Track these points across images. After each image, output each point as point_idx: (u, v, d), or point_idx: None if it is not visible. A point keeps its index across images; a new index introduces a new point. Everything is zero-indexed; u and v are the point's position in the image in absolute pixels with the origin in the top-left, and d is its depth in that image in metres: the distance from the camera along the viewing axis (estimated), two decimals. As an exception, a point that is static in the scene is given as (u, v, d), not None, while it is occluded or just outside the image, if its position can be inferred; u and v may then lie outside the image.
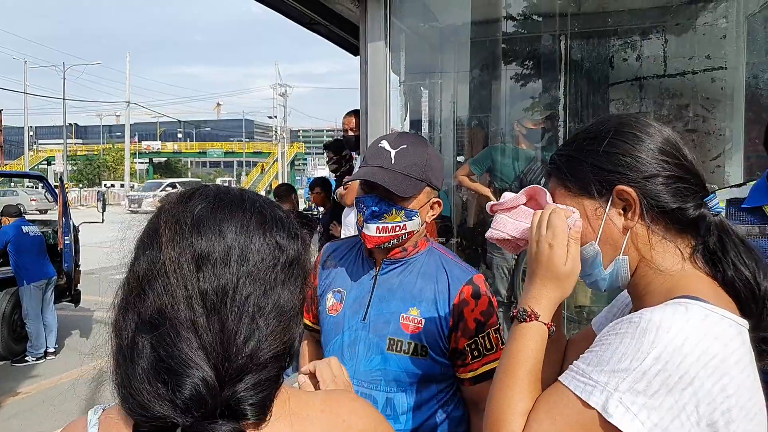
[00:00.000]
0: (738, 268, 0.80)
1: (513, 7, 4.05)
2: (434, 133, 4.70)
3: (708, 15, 3.24)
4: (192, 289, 0.64)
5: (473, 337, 1.34)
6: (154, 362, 0.63)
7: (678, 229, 0.83)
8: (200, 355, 0.63)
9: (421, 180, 1.35)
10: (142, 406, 0.62)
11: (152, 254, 0.67)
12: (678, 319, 0.72)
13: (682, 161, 0.83)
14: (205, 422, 0.62)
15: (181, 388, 0.61)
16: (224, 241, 0.67)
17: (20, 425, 4.57)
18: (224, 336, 0.64)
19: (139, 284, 0.66)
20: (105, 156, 48.86)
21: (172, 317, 0.63)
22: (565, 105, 3.44)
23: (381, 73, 3.31)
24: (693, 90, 3.21)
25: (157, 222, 0.69)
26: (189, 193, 0.72)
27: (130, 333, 0.65)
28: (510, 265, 3.79)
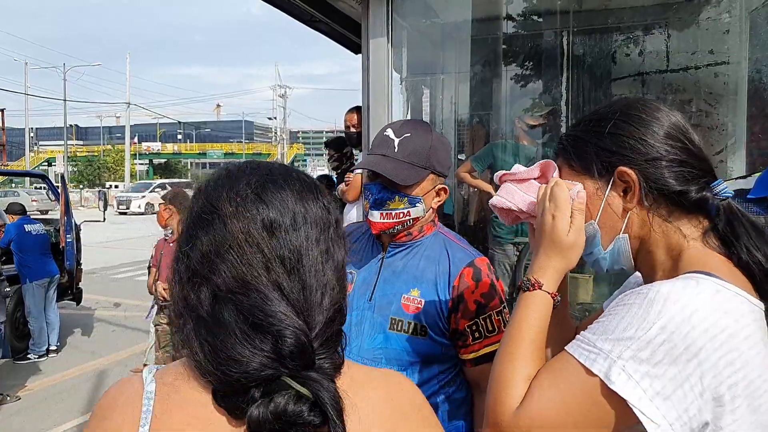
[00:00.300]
0: (751, 251, 0.79)
1: (514, 4, 4.06)
2: (435, 131, 4.71)
3: (711, 10, 3.23)
4: (270, 253, 0.69)
5: (474, 318, 1.35)
6: (248, 325, 0.66)
7: (683, 212, 0.83)
8: (291, 312, 0.67)
9: (424, 167, 1.38)
10: (242, 367, 0.64)
11: (216, 230, 0.70)
12: (688, 292, 0.72)
13: (688, 146, 0.83)
14: (307, 373, 0.65)
15: (285, 340, 0.65)
16: (289, 208, 0.72)
17: (22, 422, 4.57)
18: (305, 293, 0.69)
19: (208, 259, 0.69)
20: (105, 157, 48.90)
21: (256, 282, 0.67)
22: (567, 101, 3.45)
23: (383, 70, 3.32)
24: (696, 85, 3.20)
25: (208, 200, 0.73)
26: (236, 170, 0.76)
27: (209, 305, 0.68)
28: (512, 261, 3.79)
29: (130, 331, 7.05)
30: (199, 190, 0.76)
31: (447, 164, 1.45)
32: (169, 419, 0.67)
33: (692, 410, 0.70)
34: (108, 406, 0.70)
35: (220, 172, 0.77)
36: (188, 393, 0.68)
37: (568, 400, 0.74)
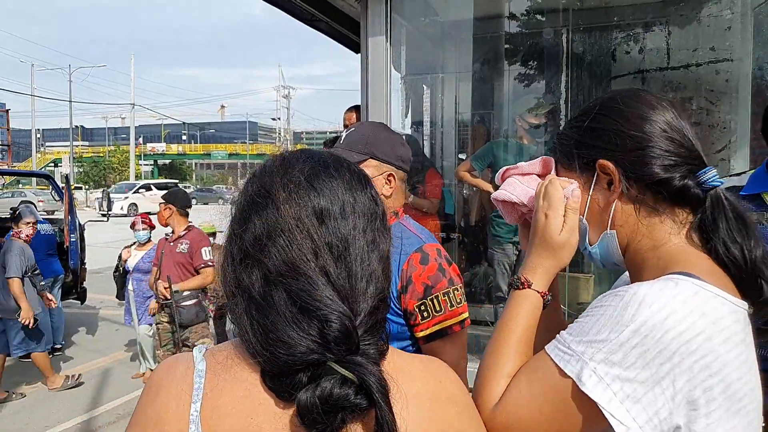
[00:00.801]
0: (728, 245, 0.77)
1: (515, 2, 4.04)
2: (435, 130, 4.70)
3: (712, 6, 3.21)
4: (319, 240, 0.71)
5: (422, 299, 1.43)
6: (296, 308, 0.68)
7: (669, 202, 0.81)
8: (336, 298, 0.69)
9: (362, 153, 1.50)
10: (290, 350, 0.66)
11: (269, 214, 0.72)
12: (666, 294, 0.71)
13: (671, 133, 0.81)
14: (353, 358, 0.66)
15: (331, 325, 0.66)
16: (339, 197, 0.74)
17: (27, 419, 4.60)
18: (351, 281, 0.71)
19: (260, 242, 0.71)
20: (111, 158, 49.11)
21: (304, 267, 0.69)
22: (567, 99, 3.43)
23: (381, 69, 3.31)
24: (697, 82, 3.18)
25: (262, 186, 0.75)
26: (289, 159, 0.78)
27: (260, 287, 0.70)
28: (511, 261, 3.78)
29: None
30: (254, 175, 0.78)
31: (391, 152, 1.53)
32: (219, 397, 0.68)
33: (663, 413, 0.69)
34: (159, 383, 0.71)
35: (276, 158, 0.79)
36: (238, 373, 0.70)
37: (542, 400, 0.74)
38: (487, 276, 4.13)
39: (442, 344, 1.42)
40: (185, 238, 4.19)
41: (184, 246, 4.16)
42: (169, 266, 4.13)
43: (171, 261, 4.15)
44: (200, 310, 4.18)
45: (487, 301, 4.23)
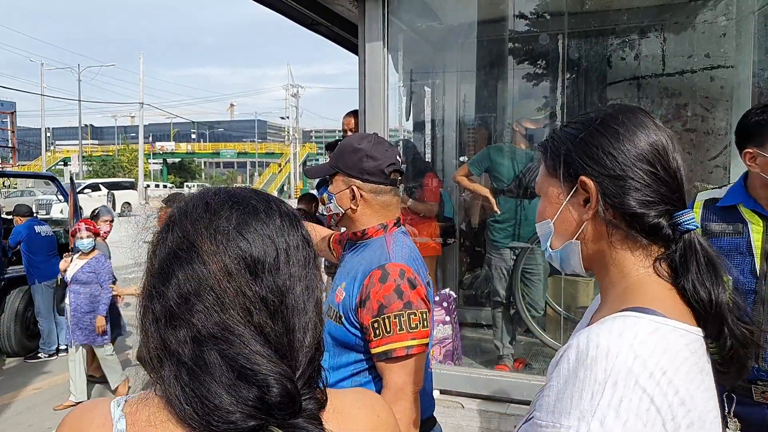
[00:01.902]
0: (696, 287, 0.77)
1: (512, 6, 4.04)
2: (436, 133, 4.70)
3: (708, 13, 3.20)
4: (253, 296, 0.66)
5: (376, 317, 1.44)
6: (233, 373, 0.63)
7: (640, 235, 0.80)
8: (275, 357, 0.64)
9: (332, 167, 1.60)
10: (226, 417, 0.62)
11: (196, 269, 0.66)
12: (625, 338, 0.71)
13: (658, 171, 0.80)
14: (294, 421, 0.63)
15: (271, 390, 0.63)
16: (273, 245, 0.69)
17: (32, 419, 4.65)
18: (288, 335, 0.67)
19: (187, 301, 0.65)
20: (120, 156, 49.46)
21: (238, 328, 0.64)
22: (564, 104, 3.43)
23: (379, 73, 3.33)
24: (692, 89, 3.17)
25: (185, 235, 0.69)
26: (214, 203, 0.71)
27: (190, 350, 0.65)
28: (509, 266, 3.78)
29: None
30: (172, 222, 0.71)
31: (355, 167, 1.56)
32: None
33: None
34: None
35: (197, 202, 0.72)
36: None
37: None
38: (487, 280, 4.14)
39: (387, 366, 1.42)
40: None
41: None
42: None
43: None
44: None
45: (486, 305, 4.24)
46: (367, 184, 1.56)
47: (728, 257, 1.79)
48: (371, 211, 1.58)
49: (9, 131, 12.39)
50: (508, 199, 3.76)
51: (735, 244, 1.77)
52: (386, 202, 1.60)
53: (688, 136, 3.18)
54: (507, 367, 3.69)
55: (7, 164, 11.48)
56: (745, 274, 1.76)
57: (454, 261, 4.43)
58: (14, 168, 19.92)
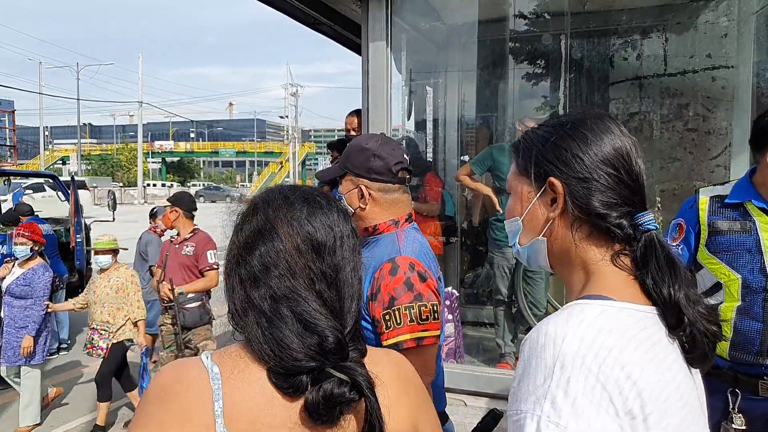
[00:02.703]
0: (657, 283, 0.81)
1: (514, 6, 4.06)
2: (438, 133, 4.72)
3: (709, 13, 3.21)
4: (316, 269, 0.86)
5: (386, 309, 1.46)
6: (300, 324, 0.83)
7: (602, 233, 0.85)
8: (330, 316, 0.85)
9: (342, 168, 1.63)
10: (294, 356, 0.81)
11: (275, 245, 0.86)
12: (572, 323, 0.75)
13: (622, 175, 0.85)
14: (344, 363, 0.83)
15: (328, 339, 0.82)
16: (332, 233, 0.89)
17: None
18: (341, 302, 0.87)
19: (267, 269, 0.85)
20: (119, 155, 49.43)
21: (304, 291, 0.85)
22: (566, 104, 3.45)
23: (382, 73, 3.34)
24: (693, 89, 3.18)
25: (268, 219, 0.89)
26: (290, 197, 0.92)
27: (269, 304, 0.84)
28: (510, 264, 3.80)
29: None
30: (257, 208, 0.91)
31: (362, 167, 1.60)
32: (238, 393, 0.81)
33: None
34: (173, 389, 0.81)
35: (277, 195, 0.93)
36: (248, 374, 0.83)
37: None
38: (489, 278, 4.16)
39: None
40: (191, 241, 4.23)
41: (190, 249, 4.20)
42: (174, 268, 4.17)
43: (176, 263, 4.19)
44: (204, 313, 4.22)
45: (488, 303, 4.26)
46: (375, 183, 1.58)
47: (736, 255, 1.77)
48: (380, 209, 1.60)
49: (9, 130, 12.40)
50: (510, 198, 3.77)
51: (743, 242, 1.75)
52: (395, 200, 1.61)
53: (690, 135, 3.20)
54: (509, 365, 3.71)
55: (6, 163, 11.46)
56: (755, 272, 1.74)
57: (456, 259, 4.45)
58: (14, 167, 19.96)
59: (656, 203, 3.32)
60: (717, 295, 1.82)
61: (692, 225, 1.88)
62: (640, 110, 3.42)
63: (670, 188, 3.28)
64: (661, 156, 3.39)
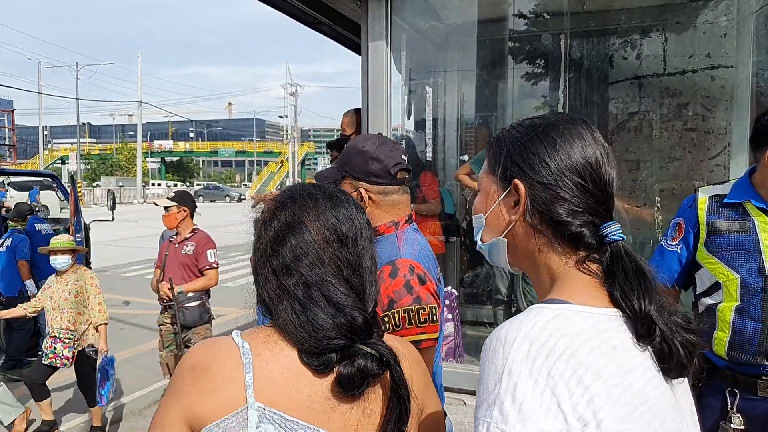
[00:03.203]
0: (624, 294, 0.78)
1: (514, 6, 4.06)
2: (437, 132, 4.72)
3: (708, 13, 3.22)
4: (342, 257, 0.95)
5: (386, 311, 1.45)
6: (332, 307, 0.91)
7: (567, 239, 0.83)
8: (357, 299, 0.94)
9: (339, 171, 1.62)
10: (328, 335, 0.89)
11: (304, 237, 0.95)
12: (524, 326, 0.74)
13: (588, 183, 0.82)
14: (371, 340, 0.92)
15: (357, 319, 0.91)
16: (354, 224, 0.98)
17: (34, 415, 4.66)
18: (363, 286, 0.96)
19: (298, 258, 0.94)
20: (118, 155, 49.41)
21: (332, 277, 0.93)
22: (565, 104, 3.45)
23: (381, 72, 3.34)
24: (693, 89, 3.19)
25: (295, 214, 0.97)
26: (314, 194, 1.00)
27: (302, 291, 0.92)
28: (510, 264, 3.80)
29: (140, 329, 7.15)
30: (284, 205, 0.99)
31: (360, 169, 1.58)
32: (266, 367, 0.89)
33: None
34: (206, 360, 0.90)
35: (302, 192, 1.01)
36: (279, 350, 0.91)
37: None
38: (488, 278, 4.17)
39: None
40: (191, 240, 4.22)
41: (190, 248, 4.20)
42: (173, 268, 4.16)
43: (175, 262, 4.18)
44: (204, 312, 4.22)
45: (488, 303, 4.27)
46: (374, 186, 1.57)
47: (735, 255, 1.77)
48: (380, 211, 1.59)
49: (8, 129, 12.44)
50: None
51: (742, 241, 1.75)
52: (395, 201, 1.60)
53: (689, 135, 3.20)
54: (508, 364, 3.71)
55: (6, 162, 11.47)
56: (753, 273, 1.74)
57: (456, 259, 4.45)
58: (13, 166, 19.97)
59: (655, 203, 3.33)
60: (716, 294, 1.81)
61: (691, 224, 1.88)
62: (639, 110, 3.42)
63: (669, 188, 3.28)
64: (661, 155, 3.39)
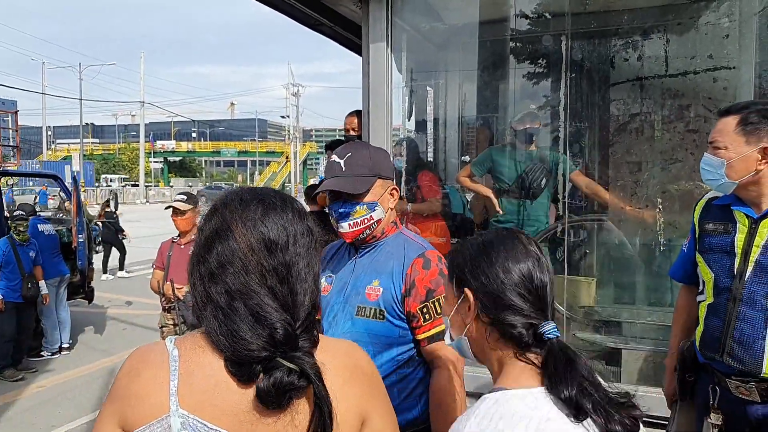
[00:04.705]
0: (555, 385, 0.92)
1: (515, 7, 4.05)
2: (438, 133, 4.72)
3: (710, 14, 3.20)
4: (268, 266, 0.92)
5: (424, 302, 1.54)
6: (253, 318, 0.89)
7: (508, 339, 1.00)
8: (281, 310, 0.91)
9: (371, 175, 1.62)
10: (247, 347, 0.88)
11: (230, 244, 0.92)
12: (471, 419, 0.91)
13: (523, 292, 0.99)
14: (293, 353, 0.89)
15: (278, 331, 0.89)
16: (285, 232, 0.94)
17: (34, 418, 4.68)
18: (292, 296, 0.93)
19: (223, 266, 0.92)
20: (121, 155, 49.53)
21: (256, 288, 0.91)
22: (566, 105, 3.44)
23: (383, 74, 3.33)
24: (695, 90, 3.18)
25: (224, 220, 0.95)
26: (245, 199, 0.97)
27: (225, 299, 0.90)
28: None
29: (142, 330, 7.17)
30: (216, 210, 0.98)
31: (389, 168, 1.68)
32: (192, 375, 0.89)
33: None
34: (139, 367, 0.91)
35: (234, 197, 0.98)
36: (205, 358, 0.90)
37: None
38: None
39: (442, 345, 1.49)
40: (197, 241, 4.21)
41: (197, 249, 4.18)
42: (178, 269, 4.14)
43: (181, 263, 4.17)
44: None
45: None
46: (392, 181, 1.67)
47: (715, 255, 1.83)
48: (393, 210, 1.68)
49: (11, 130, 12.52)
50: (510, 199, 3.77)
51: (722, 242, 1.80)
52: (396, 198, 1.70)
53: (691, 137, 3.19)
54: (509, 366, 3.71)
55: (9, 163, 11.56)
56: (725, 272, 1.79)
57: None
58: (17, 166, 20.01)
59: (657, 204, 3.32)
60: (704, 292, 1.89)
61: (693, 226, 1.96)
62: (641, 111, 3.41)
63: (671, 189, 3.27)
64: (662, 157, 3.38)
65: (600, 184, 3.73)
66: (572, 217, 3.78)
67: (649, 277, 3.54)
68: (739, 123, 1.71)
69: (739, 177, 1.71)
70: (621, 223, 3.58)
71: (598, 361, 3.41)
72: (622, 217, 3.55)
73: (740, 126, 1.71)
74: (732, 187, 1.74)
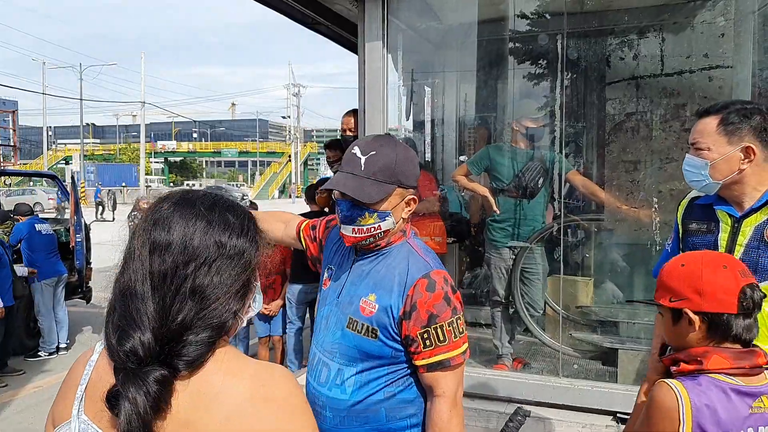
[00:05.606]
0: None
1: (513, 6, 4.05)
2: (436, 133, 4.71)
3: (706, 13, 3.20)
4: (145, 269, 0.87)
5: (426, 327, 1.41)
6: (117, 321, 0.86)
7: None
8: (144, 321, 0.84)
9: (390, 183, 1.44)
10: (109, 352, 0.86)
11: (130, 242, 0.91)
12: None
13: None
14: (139, 368, 0.83)
15: (124, 343, 0.84)
16: (170, 235, 0.88)
17: (32, 417, 4.67)
18: (163, 308, 0.85)
19: (124, 263, 0.90)
20: (122, 155, 49.57)
21: (133, 290, 0.86)
22: (563, 104, 3.44)
23: (378, 73, 3.33)
24: (690, 89, 3.18)
25: (143, 219, 0.92)
26: (164, 197, 0.94)
27: (113, 297, 0.90)
28: (507, 265, 3.79)
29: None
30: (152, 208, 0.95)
31: (413, 176, 1.50)
32: (100, 380, 0.88)
33: None
34: (74, 365, 0.95)
35: (164, 195, 0.95)
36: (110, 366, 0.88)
37: None
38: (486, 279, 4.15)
39: (442, 374, 1.42)
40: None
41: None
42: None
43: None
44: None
45: (486, 304, 4.25)
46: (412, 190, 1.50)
47: None
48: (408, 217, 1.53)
49: (11, 130, 12.56)
50: (507, 198, 3.76)
51: (705, 241, 1.78)
52: None
53: (687, 136, 3.19)
54: (506, 366, 3.70)
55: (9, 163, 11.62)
56: None
57: (453, 260, 4.44)
58: (15, 167, 20.06)
59: (654, 204, 3.31)
60: None
61: (676, 225, 1.95)
62: (636, 110, 3.41)
63: (667, 189, 3.28)
64: (659, 156, 3.38)
65: (596, 184, 3.73)
66: (569, 217, 3.78)
67: (646, 277, 3.54)
68: (720, 123, 1.69)
69: (723, 177, 1.70)
70: (617, 223, 3.58)
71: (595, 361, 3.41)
72: (618, 216, 3.55)
73: (721, 126, 1.69)
74: (716, 188, 1.73)
